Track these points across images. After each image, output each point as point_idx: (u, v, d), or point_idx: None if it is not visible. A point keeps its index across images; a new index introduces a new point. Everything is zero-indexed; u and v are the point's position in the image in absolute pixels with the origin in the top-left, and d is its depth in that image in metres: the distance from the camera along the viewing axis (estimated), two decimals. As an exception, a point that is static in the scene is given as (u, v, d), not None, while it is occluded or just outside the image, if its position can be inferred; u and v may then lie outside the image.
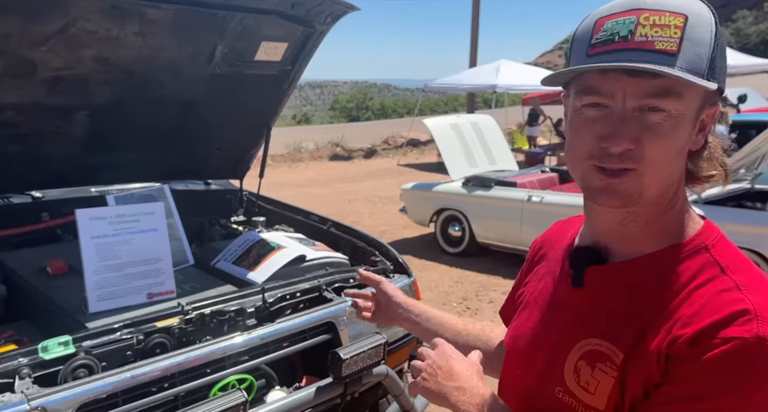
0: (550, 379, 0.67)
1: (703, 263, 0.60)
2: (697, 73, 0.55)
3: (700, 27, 0.55)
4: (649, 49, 0.55)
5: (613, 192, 0.59)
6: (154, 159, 2.16)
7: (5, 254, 1.83)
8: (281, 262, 1.79)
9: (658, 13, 0.55)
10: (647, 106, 0.56)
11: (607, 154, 0.58)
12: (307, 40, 2.04)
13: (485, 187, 4.97)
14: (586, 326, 0.64)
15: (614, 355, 0.60)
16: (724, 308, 0.55)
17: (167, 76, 1.90)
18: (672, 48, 0.54)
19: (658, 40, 0.54)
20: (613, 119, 0.57)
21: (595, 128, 0.58)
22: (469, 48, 13.14)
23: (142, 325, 1.36)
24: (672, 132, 0.57)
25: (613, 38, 0.56)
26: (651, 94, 0.55)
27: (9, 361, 1.16)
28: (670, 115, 0.56)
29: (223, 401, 1.11)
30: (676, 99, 0.56)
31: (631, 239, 0.64)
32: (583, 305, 0.66)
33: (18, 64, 1.55)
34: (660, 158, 0.57)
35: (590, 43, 0.58)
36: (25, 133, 1.81)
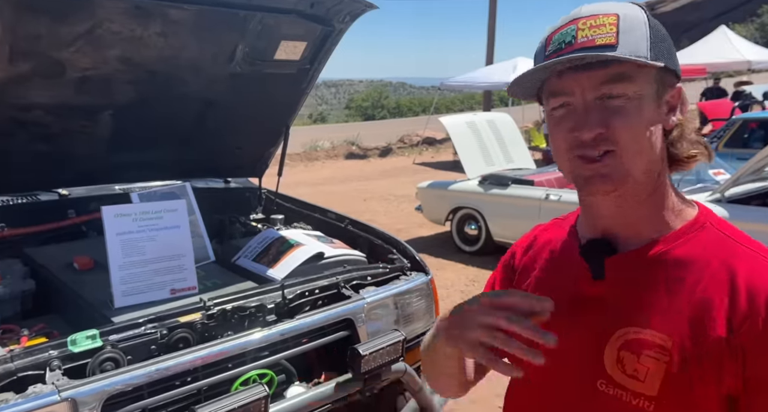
0: (589, 374, 0.66)
1: (714, 238, 0.65)
2: (639, 56, 0.60)
3: (632, 20, 0.62)
4: (591, 46, 0.61)
5: (601, 176, 0.63)
6: (175, 157, 2.20)
7: (33, 249, 1.89)
8: (300, 259, 1.81)
9: (593, 17, 0.63)
10: (605, 94, 0.62)
11: (581, 143, 0.63)
12: (326, 38, 2.06)
13: (502, 185, 4.93)
14: (619, 315, 0.65)
15: (661, 340, 0.61)
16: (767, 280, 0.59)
17: (189, 75, 1.94)
18: (611, 40, 0.61)
19: (598, 37, 0.61)
20: (578, 111, 0.63)
21: (566, 124, 0.64)
22: (485, 46, 13.04)
23: (165, 320, 1.39)
24: (636, 112, 0.62)
25: (561, 46, 0.63)
26: (605, 82, 0.61)
27: (40, 353, 1.20)
28: (629, 98, 0.62)
29: (245, 395, 1.13)
30: (630, 82, 0.61)
31: (634, 224, 0.67)
32: (609, 295, 0.66)
33: (48, 65, 1.60)
34: (632, 136, 0.62)
35: (544, 55, 0.65)
36: (53, 133, 1.86)
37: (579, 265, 0.70)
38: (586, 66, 0.61)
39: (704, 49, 11.61)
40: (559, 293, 0.71)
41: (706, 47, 11.74)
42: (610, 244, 0.67)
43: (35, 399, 1.09)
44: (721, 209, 3.59)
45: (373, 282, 1.79)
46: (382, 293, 1.72)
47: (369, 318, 1.67)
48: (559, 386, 0.69)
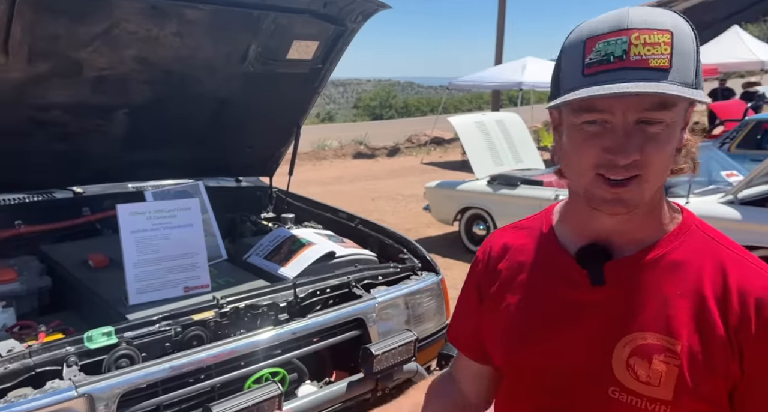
0: (598, 383, 0.65)
1: (701, 241, 0.67)
2: (687, 84, 0.59)
3: (684, 40, 0.60)
4: (644, 67, 0.58)
5: (619, 201, 0.63)
6: (188, 156, 2.22)
7: (49, 247, 1.91)
8: (312, 258, 1.81)
9: (647, 31, 0.59)
10: (646, 119, 0.60)
11: (614, 166, 0.61)
12: (338, 38, 2.06)
13: (511, 185, 4.91)
14: (623, 321, 0.64)
15: (670, 344, 0.62)
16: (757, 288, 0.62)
17: (203, 75, 1.95)
18: (665, 64, 0.58)
19: (652, 58, 0.58)
20: (617, 133, 0.60)
21: (599, 142, 0.61)
22: (494, 45, 13.00)
23: (179, 317, 1.40)
24: (669, 139, 0.62)
25: (609, 58, 0.59)
26: (649, 109, 0.60)
27: (58, 349, 1.21)
28: (666, 125, 0.61)
29: (260, 393, 1.14)
30: (670, 110, 0.60)
31: (631, 232, 0.68)
32: (610, 301, 0.66)
33: (66, 64, 1.62)
34: (661, 164, 0.62)
35: (584, 62, 0.61)
36: (70, 132, 1.88)
37: (572, 271, 0.69)
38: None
39: (716, 49, 11.48)
40: (552, 301, 0.70)
41: (719, 47, 11.62)
42: (605, 250, 0.68)
43: (53, 394, 1.11)
44: (734, 211, 3.56)
45: (384, 282, 1.79)
46: (393, 293, 1.73)
47: (380, 318, 1.67)
48: (566, 396, 0.68)
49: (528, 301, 0.73)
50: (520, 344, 0.72)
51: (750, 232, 3.43)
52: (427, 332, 1.81)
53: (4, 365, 1.14)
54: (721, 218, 3.49)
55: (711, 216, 3.48)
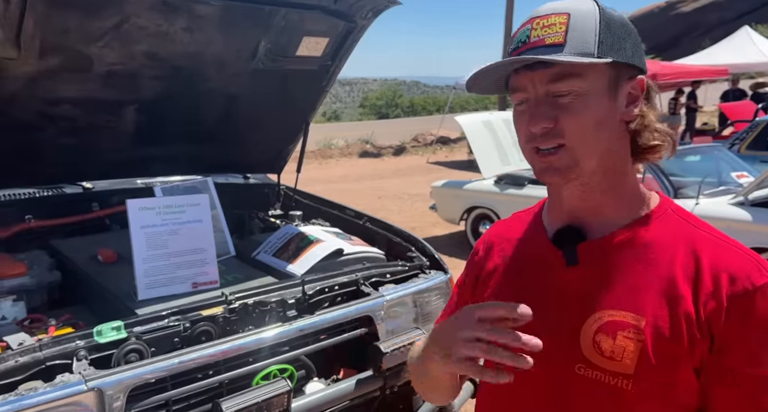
0: (566, 360, 0.68)
1: (676, 224, 0.69)
2: (585, 54, 0.64)
3: (583, 17, 0.66)
4: (540, 45, 0.66)
5: (551, 169, 0.68)
6: (197, 152, 2.22)
7: (59, 241, 1.92)
8: (320, 255, 1.81)
9: (545, 17, 0.67)
10: (554, 92, 0.66)
11: (534, 136, 0.67)
12: (347, 35, 2.05)
13: (518, 185, 4.89)
14: (593, 300, 0.67)
15: (634, 320, 0.64)
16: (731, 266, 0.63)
17: (212, 71, 1.95)
18: (558, 40, 0.65)
19: (548, 37, 0.66)
20: (530, 107, 0.68)
21: (524, 118, 0.69)
22: (501, 45, 12.94)
23: (188, 313, 1.40)
24: (584, 107, 0.65)
25: (518, 45, 0.68)
26: (552, 80, 0.65)
27: (68, 343, 1.21)
28: (577, 94, 0.65)
29: (269, 389, 1.13)
30: (577, 78, 0.65)
31: (600, 212, 0.71)
32: (582, 281, 0.69)
33: (76, 59, 1.62)
34: (580, 130, 0.66)
35: (509, 52, 0.70)
36: (79, 127, 1.89)
37: (550, 253, 0.73)
38: (537, 64, 0.65)
39: (727, 50, 11.38)
40: (532, 283, 0.74)
41: (729, 48, 11.52)
42: (580, 231, 0.71)
43: (63, 388, 1.11)
44: (744, 212, 3.52)
45: (393, 280, 1.78)
46: (402, 291, 1.72)
47: (388, 316, 1.66)
48: (538, 372, 0.68)
49: (513, 285, 0.77)
50: None
51: (760, 233, 3.39)
52: (436, 331, 1.80)
53: (15, 358, 1.14)
54: (731, 219, 3.45)
55: (721, 217, 3.44)
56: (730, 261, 0.64)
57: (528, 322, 0.69)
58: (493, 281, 0.80)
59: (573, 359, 0.67)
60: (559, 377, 0.68)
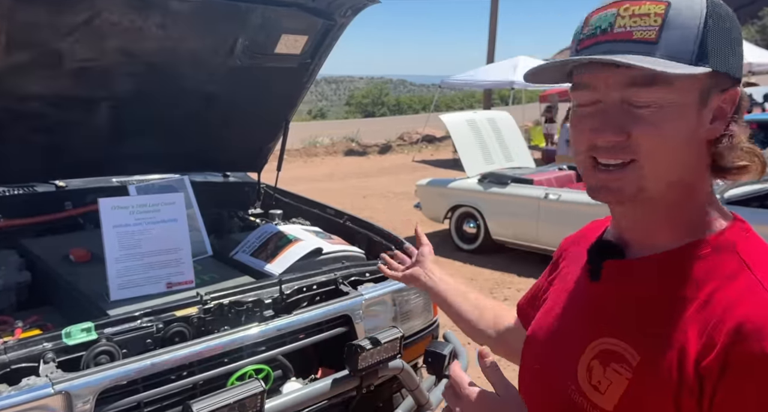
0: (564, 377, 0.65)
1: (729, 262, 0.56)
2: (680, 59, 0.53)
3: (685, 12, 0.53)
4: (627, 39, 0.54)
5: (608, 190, 0.58)
6: (174, 151, 2.18)
7: (29, 241, 1.87)
8: (298, 254, 1.79)
9: (638, 3, 0.55)
10: (631, 98, 0.55)
11: (597, 148, 0.57)
12: (327, 33, 2.04)
13: (501, 184, 4.93)
14: (602, 323, 0.62)
15: (630, 356, 0.58)
16: (747, 315, 0.51)
17: (188, 68, 1.92)
18: (651, 36, 0.53)
19: (637, 30, 0.54)
20: (600, 112, 0.57)
21: (588, 122, 0.58)
22: (486, 44, 13.02)
23: (161, 313, 1.38)
24: (664, 122, 0.54)
25: (595, 32, 0.56)
26: (632, 84, 0.54)
27: (34, 345, 1.18)
28: (660, 106, 0.54)
29: (241, 390, 1.12)
30: (665, 88, 0.54)
31: (650, 233, 0.62)
32: (598, 300, 0.64)
33: (46, 55, 1.58)
34: (657, 149, 0.55)
35: (579, 39, 0.59)
36: (51, 124, 1.84)
37: (585, 265, 0.69)
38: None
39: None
40: (567, 290, 0.71)
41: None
42: (619, 247, 0.64)
43: (28, 392, 1.08)
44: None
45: (372, 279, 1.78)
46: (381, 290, 1.71)
47: (367, 315, 1.66)
48: (544, 385, 0.69)
49: (558, 288, 0.75)
50: (533, 327, 0.75)
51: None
52: (414, 330, 1.80)
53: (-22, 362, 1.11)
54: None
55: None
56: (756, 315, 0.51)
57: (550, 329, 0.70)
58: (556, 283, 0.77)
59: (568, 379, 0.63)
60: (557, 393, 0.65)
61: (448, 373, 0.72)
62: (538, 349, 0.72)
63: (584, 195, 3.37)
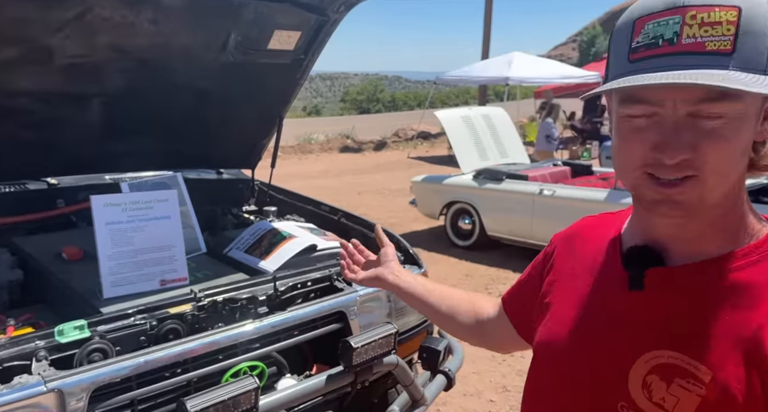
0: (609, 393, 0.60)
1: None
2: (756, 70, 0.50)
3: (757, 17, 0.50)
4: (698, 51, 0.50)
5: (672, 203, 0.55)
6: (167, 147, 2.17)
7: (22, 239, 1.86)
8: (293, 251, 1.79)
9: (706, 9, 0.50)
10: (701, 113, 0.52)
11: (661, 165, 0.54)
12: (320, 28, 2.03)
13: (496, 180, 4.93)
14: (653, 335, 0.58)
15: (697, 371, 0.54)
16: None
17: (181, 64, 1.91)
18: (726, 47, 0.49)
19: (709, 41, 0.49)
20: (665, 128, 0.53)
21: (647, 137, 0.54)
22: (481, 40, 13.01)
23: (155, 311, 1.37)
24: (734, 135, 0.52)
25: (657, 42, 0.52)
26: (704, 100, 0.51)
27: (26, 343, 1.18)
28: (729, 118, 0.51)
29: (235, 387, 1.12)
30: (735, 100, 0.51)
31: (694, 240, 0.59)
32: (644, 311, 0.60)
33: (35, 50, 1.56)
34: (722, 164, 0.53)
35: (631, 46, 0.54)
36: (42, 121, 1.83)
37: (617, 272, 0.63)
38: None
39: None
40: (590, 300, 0.66)
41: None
42: (657, 254, 0.60)
43: (21, 390, 1.07)
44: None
45: (366, 275, 1.78)
46: (375, 286, 1.71)
47: (361, 311, 1.66)
48: (574, 398, 0.64)
49: (572, 294, 0.69)
50: (549, 336, 0.69)
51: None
52: (409, 326, 1.81)
53: (-31, 360, 1.10)
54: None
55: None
56: None
57: (579, 342, 0.65)
58: (558, 285, 0.72)
59: (617, 395, 0.59)
60: (598, 409, 0.61)
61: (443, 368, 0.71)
62: (561, 362, 0.66)
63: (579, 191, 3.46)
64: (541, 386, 0.71)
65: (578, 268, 0.70)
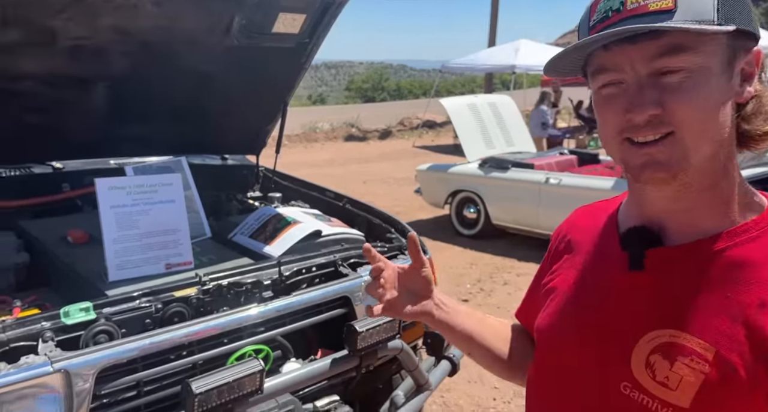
0: (612, 374, 0.61)
1: None
2: (703, 22, 0.52)
3: None
4: (642, 13, 0.53)
5: (656, 164, 0.56)
6: (171, 132, 2.16)
7: (27, 222, 1.86)
8: (297, 236, 1.79)
9: None
10: (661, 69, 0.54)
11: (634, 126, 0.56)
12: (325, 11, 2.00)
13: (502, 168, 4.90)
14: (655, 315, 0.59)
15: (701, 349, 0.55)
16: None
17: (184, 47, 1.89)
18: (668, 5, 0.53)
19: (651, 2, 0.53)
20: (630, 90, 0.56)
21: (617, 104, 0.57)
22: (488, 28, 12.85)
23: (160, 294, 1.37)
24: (698, 87, 0.54)
25: (607, 14, 0.56)
26: (659, 55, 0.54)
27: (33, 324, 1.18)
28: (690, 71, 0.53)
29: (240, 369, 1.12)
30: (691, 53, 0.53)
31: (689, 216, 0.60)
32: (645, 291, 0.60)
33: (38, 32, 1.55)
34: (694, 117, 0.54)
35: (589, 26, 0.58)
36: (46, 104, 1.82)
37: (615, 253, 0.64)
38: (639, 36, 0.53)
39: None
40: (590, 282, 0.67)
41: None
42: (655, 233, 0.61)
43: (28, 369, 1.08)
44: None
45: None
46: (380, 272, 1.71)
47: (366, 296, 1.65)
48: (581, 381, 0.64)
49: (572, 279, 0.70)
50: (551, 321, 0.70)
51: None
52: (414, 311, 1.80)
53: (-24, 340, 1.10)
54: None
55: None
56: None
57: (582, 325, 0.65)
58: (558, 273, 0.73)
59: (620, 376, 0.59)
60: (603, 391, 0.61)
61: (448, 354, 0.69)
62: (564, 346, 0.67)
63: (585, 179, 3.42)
64: (545, 370, 0.71)
65: (577, 255, 0.71)
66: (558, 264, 0.74)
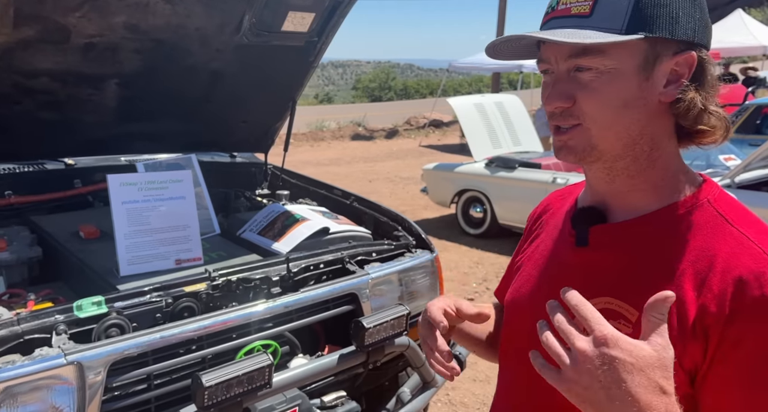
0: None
1: (708, 217, 0.62)
2: (611, 30, 0.59)
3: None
4: (567, 15, 0.62)
5: (567, 149, 0.64)
6: (181, 129, 2.18)
7: (40, 218, 1.89)
8: (305, 233, 1.80)
9: None
10: (576, 67, 0.61)
11: (552, 114, 0.64)
12: (334, 9, 2.01)
13: (509, 168, 4.89)
14: (595, 285, 0.65)
15: (627, 313, 0.62)
16: (742, 266, 0.57)
17: (195, 45, 1.90)
18: (584, 10, 0.60)
19: (574, 6, 0.61)
20: (552, 82, 0.64)
21: (545, 92, 0.65)
22: (495, 27, 12.81)
23: (170, 289, 1.39)
24: (605, 86, 0.60)
25: (548, 10, 0.64)
26: (573, 55, 0.61)
27: (46, 317, 1.20)
28: (600, 72, 0.60)
29: (250, 363, 1.13)
30: (599, 56, 0.60)
31: (626, 196, 0.67)
32: (589, 264, 0.67)
33: (53, 30, 1.57)
34: (599, 112, 0.61)
35: (543, 15, 0.66)
36: (59, 101, 1.84)
37: (566, 231, 0.72)
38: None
39: (719, 34, 11.34)
40: (544, 257, 0.75)
41: (722, 31, 11.47)
42: (601, 213, 0.68)
43: (42, 361, 1.10)
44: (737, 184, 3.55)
45: (378, 258, 1.78)
46: (387, 269, 1.72)
47: (373, 294, 1.67)
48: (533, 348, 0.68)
49: (531, 255, 0.78)
50: (512, 295, 0.77)
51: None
52: (421, 309, 1.81)
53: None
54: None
55: (707, 200, 3.46)
56: (747, 262, 0.57)
57: (534, 296, 0.72)
58: (527, 250, 0.80)
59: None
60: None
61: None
62: (524, 315, 0.73)
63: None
64: (507, 342, 0.78)
65: (543, 234, 0.79)
66: (527, 243, 0.82)
